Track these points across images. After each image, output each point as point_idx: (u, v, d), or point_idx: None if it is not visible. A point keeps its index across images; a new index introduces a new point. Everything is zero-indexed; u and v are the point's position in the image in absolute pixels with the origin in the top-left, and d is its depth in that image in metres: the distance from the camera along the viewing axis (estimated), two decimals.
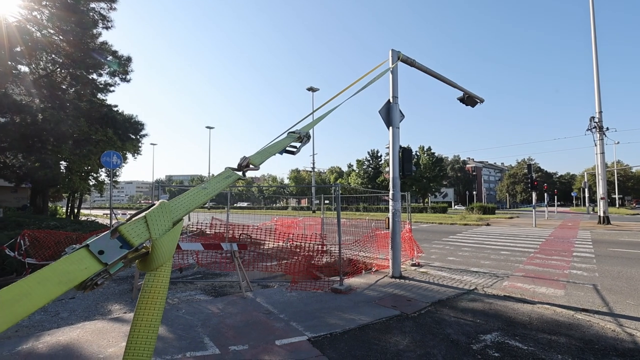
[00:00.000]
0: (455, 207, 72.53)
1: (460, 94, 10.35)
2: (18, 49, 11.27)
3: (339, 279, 6.27)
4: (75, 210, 22.14)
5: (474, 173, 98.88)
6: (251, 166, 1.17)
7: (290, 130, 1.62)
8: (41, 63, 12.67)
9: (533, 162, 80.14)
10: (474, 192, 79.49)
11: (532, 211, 22.36)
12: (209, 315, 4.66)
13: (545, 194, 33.86)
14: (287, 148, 1.55)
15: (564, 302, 5.49)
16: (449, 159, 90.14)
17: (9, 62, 11.32)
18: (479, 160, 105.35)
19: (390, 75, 7.84)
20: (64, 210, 23.09)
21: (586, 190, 43.00)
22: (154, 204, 0.82)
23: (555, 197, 48.14)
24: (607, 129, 22.65)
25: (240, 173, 1.12)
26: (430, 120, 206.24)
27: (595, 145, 22.75)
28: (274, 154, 1.35)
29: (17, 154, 13.86)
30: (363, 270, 7.63)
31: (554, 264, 8.70)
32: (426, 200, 60.22)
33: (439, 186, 62.18)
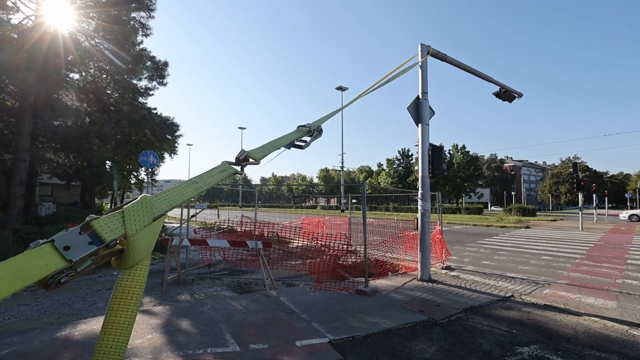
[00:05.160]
0: (492, 208, 68.90)
1: (496, 88, 9.76)
2: (70, 57, 12.23)
3: (364, 280, 6.12)
4: (119, 206, 23.72)
5: (513, 172, 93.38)
6: (251, 160, 1.10)
7: (300, 124, 1.54)
8: (91, 70, 13.67)
9: (580, 161, 74.11)
10: (513, 193, 74.99)
11: (578, 214, 20.62)
12: (233, 312, 4.72)
13: (594, 195, 31.08)
14: (296, 142, 1.47)
15: (616, 315, 4.94)
16: (485, 158, 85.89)
17: (63, 71, 12.33)
18: (518, 159, 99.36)
19: (420, 71, 7.56)
20: (108, 207, 24.81)
21: None
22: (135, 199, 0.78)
23: (606, 198, 44.00)
24: None
25: (237, 167, 1.05)
26: (465, 118, 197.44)
27: None
28: (279, 148, 1.28)
29: (69, 154, 15.06)
30: (390, 272, 7.40)
31: (604, 272, 7.91)
32: (460, 200, 57.77)
33: (474, 186, 59.38)
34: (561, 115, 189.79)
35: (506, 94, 9.81)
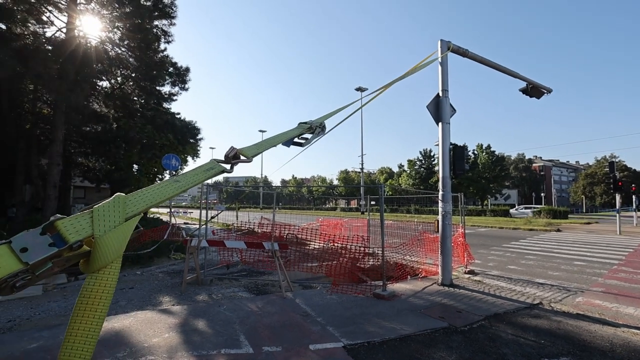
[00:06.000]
0: (520, 210, 65.97)
1: (523, 84, 9.31)
2: (98, 66, 12.86)
3: (382, 284, 5.96)
4: None
5: (542, 173, 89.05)
6: (242, 158, 1.06)
7: (301, 121, 1.48)
8: (119, 79, 14.32)
9: (617, 160, 69.57)
10: (542, 194, 71.41)
11: (615, 216, 19.30)
12: (248, 313, 4.72)
13: (634, 197, 29.03)
14: (296, 140, 1.41)
15: None
16: (512, 158, 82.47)
17: (93, 80, 12.97)
18: (548, 159, 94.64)
19: (440, 67, 7.34)
20: None
21: None
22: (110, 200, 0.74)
23: None
24: None
25: (226, 166, 1.00)
26: (490, 117, 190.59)
27: None
28: (275, 145, 1.22)
29: (98, 158, 15.83)
30: (409, 276, 7.19)
31: None
32: (485, 202, 55.73)
33: (500, 187, 57.08)
34: (593, 113, 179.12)
35: (534, 90, 9.34)
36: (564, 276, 7.72)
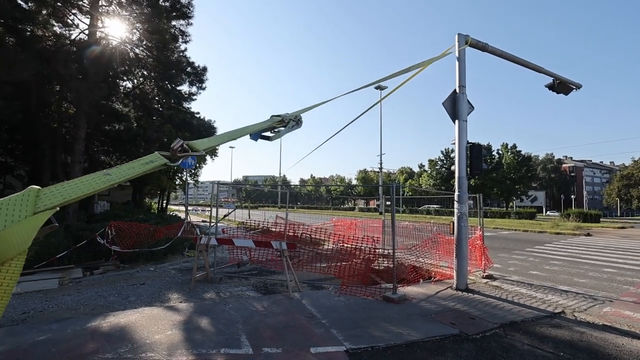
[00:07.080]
0: (548, 212, 63.12)
1: (549, 79, 8.78)
2: (118, 66, 13.30)
3: (392, 287, 5.77)
4: (164, 205, 25.36)
5: (573, 174, 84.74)
6: (191, 151, 0.96)
7: (274, 114, 1.37)
8: (141, 79, 14.77)
9: None
10: (572, 197, 67.98)
11: None
12: (252, 313, 4.68)
13: None
14: (264, 133, 1.31)
15: None
16: (540, 158, 79.04)
17: (116, 80, 13.43)
18: (580, 159, 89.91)
19: (457, 63, 7.04)
20: (156, 206, 26.63)
21: None
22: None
23: None
24: None
25: (169, 160, 0.91)
26: (516, 115, 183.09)
27: None
28: (235, 139, 1.12)
29: (120, 156, 16.43)
30: (421, 279, 6.95)
31: None
32: (510, 204, 53.67)
33: (527, 189, 54.79)
34: (628, 110, 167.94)
35: (561, 86, 8.79)
36: (591, 284, 7.21)
